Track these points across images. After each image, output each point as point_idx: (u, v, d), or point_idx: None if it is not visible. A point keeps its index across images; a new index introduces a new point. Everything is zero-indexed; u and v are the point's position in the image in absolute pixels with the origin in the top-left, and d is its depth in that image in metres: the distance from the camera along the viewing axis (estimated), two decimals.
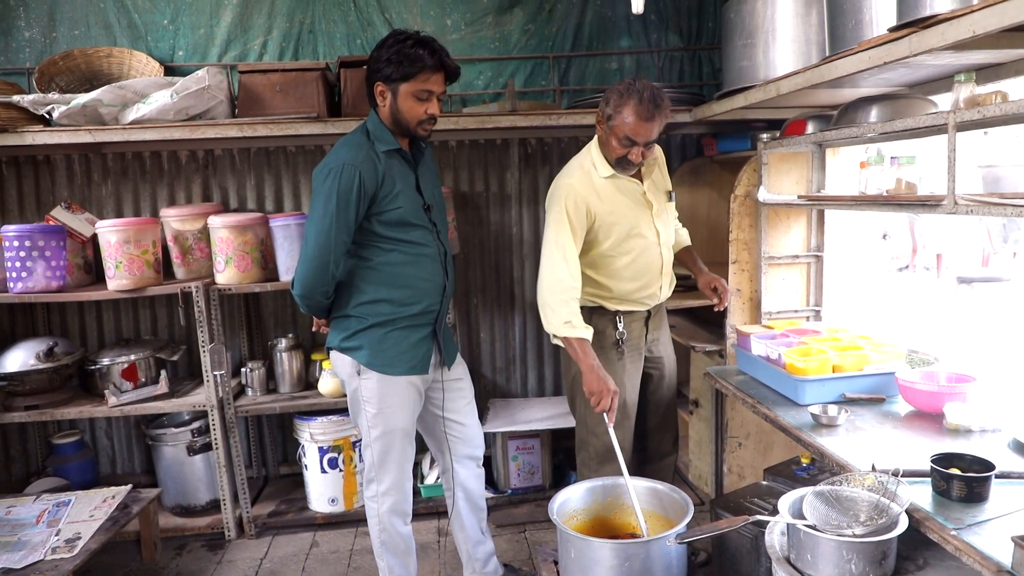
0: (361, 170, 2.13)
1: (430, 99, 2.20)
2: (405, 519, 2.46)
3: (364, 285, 2.27)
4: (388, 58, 2.14)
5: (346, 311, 2.30)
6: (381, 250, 2.25)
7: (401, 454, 2.38)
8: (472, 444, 2.57)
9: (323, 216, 2.14)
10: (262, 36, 3.50)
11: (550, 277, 2.37)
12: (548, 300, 2.37)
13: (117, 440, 3.77)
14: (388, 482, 2.38)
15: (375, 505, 2.41)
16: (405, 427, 2.36)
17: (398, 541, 2.45)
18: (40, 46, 3.42)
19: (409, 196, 2.25)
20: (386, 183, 2.19)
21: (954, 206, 1.79)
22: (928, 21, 1.75)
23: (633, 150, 2.33)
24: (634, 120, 2.27)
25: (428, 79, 2.17)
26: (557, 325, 2.35)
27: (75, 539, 2.67)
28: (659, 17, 3.69)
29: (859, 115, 2.30)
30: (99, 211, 3.57)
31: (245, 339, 3.67)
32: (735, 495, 2.44)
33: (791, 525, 1.69)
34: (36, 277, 3.05)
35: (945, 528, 1.54)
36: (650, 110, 2.26)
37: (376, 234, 2.23)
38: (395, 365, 2.29)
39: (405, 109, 2.19)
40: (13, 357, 3.17)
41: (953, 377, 2.25)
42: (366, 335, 2.28)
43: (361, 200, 2.15)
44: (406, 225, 2.25)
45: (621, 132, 2.30)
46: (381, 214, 2.21)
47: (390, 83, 2.17)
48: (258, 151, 3.63)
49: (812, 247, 2.94)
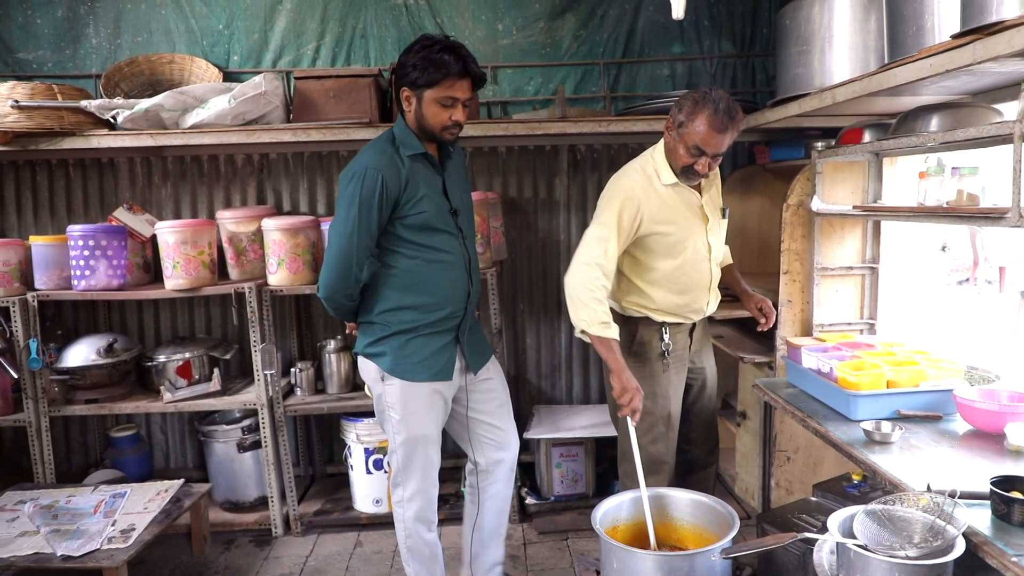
0: (384, 174, 2.14)
1: (455, 105, 2.19)
2: (430, 526, 2.45)
3: (387, 292, 2.28)
4: (414, 63, 2.14)
5: (370, 317, 2.32)
6: (404, 256, 2.25)
7: (425, 460, 2.37)
8: (504, 446, 2.53)
9: (346, 220, 2.16)
10: (315, 41, 3.58)
11: (587, 273, 2.30)
12: (582, 296, 2.29)
13: (171, 435, 3.89)
14: (412, 488, 2.38)
15: (400, 511, 2.41)
16: (428, 433, 2.35)
17: (423, 547, 2.44)
18: (106, 52, 3.56)
19: (435, 200, 2.25)
20: (410, 187, 2.19)
21: (1019, 219, 1.72)
22: (994, 28, 1.69)
23: (700, 160, 2.29)
24: (706, 130, 2.22)
25: (453, 85, 2.16)
26: (591, 323, 2.28)
27: (130, 530, 2.76)
28: (712, 23, 3.65)
29: (919, 124, 2.23)
30: (159, 212, 3.69)
31: (295, 340, 3.75)
32: (782, 510, 2.38)
33: (841, 544, 1.64)
34: (98, 275, 3.17)
35: (1005, 554, 1.48)
36: (724, 122, 2.21)
37: (400, 238, 2.24)
38: (417, 372, 2.29)
39: (430, 115, 2.18)
40: (75, 352, 3.29)
41: (1015, 396, 2.16)
42: (389, 342, 2.29)
43: (384, 204, 2.16)
44: (430, 230, 2.25)
45: (691, 141, 2.26)
46: (405, 218, 2.21)
47: (415, 88, 2.17)
48: (311, 155, 3.70)
49: (867, 259, 2.86)
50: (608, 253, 2.31)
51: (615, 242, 2.33)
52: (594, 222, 2.38)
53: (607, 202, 2.38)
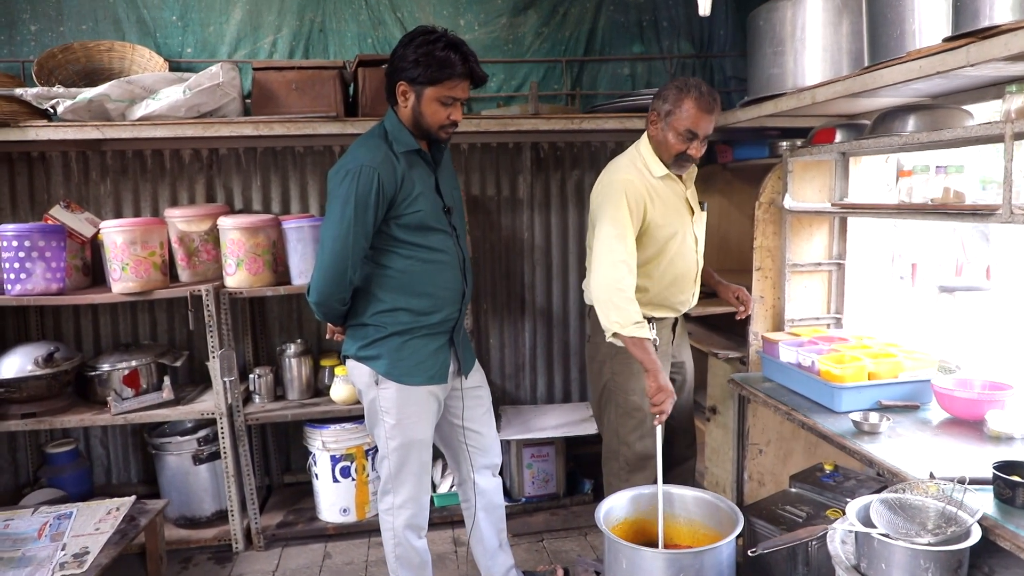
0: (380, 172, 2.05)
1: (454, 105, 2.14)
2: (420, 533, 2.39)
3: (382, 293, 2.20)
4: (416, 59, 2.06)
5: (363, 319, 2.23)
6: (399, 256, 2.18)
7: (419, 466, 2.31)
8: (490, 453, 2.52)
9: (340, 220, 2.06)
10: (272, 34, 3.41)
11: (613, 273, 2.29)
12: (612, 298, 2.28)
13: (113, 449, 3.63)
14: (405, 494, 2.31)
15: (390, 518, 2.34)
16: (423, 438, 2.30)
17: (412, 555, 2.37)
18: (46, 40, 3.29)
19: (429, 199, 2.19)
20: (405, 185, 2.12)
21: (1010, 215, 1.80)
22: (988, 32, 1.76)
23: (693, 144, 2.36)
24: (696, 112, 2.31)
25: (455, 86, 2.10)
26: (624, 324, 2.26)
27: (83, 554, 2.55)
28: (671, 24, 3.70)
29: (896, 125, 2.31)
30: (98, 211, 3.44)
31: (250, 344, 3.56)
32: (765, 503, 2.42)
33: (860, 534, 1.67)
34: (35, 279, 2.92)
35: (1018, 536, 1.54)
36: (709, 103, 2.32)
37: (394, 238, 2.16)
38: (414, 375, 2.22)
39: (428, 113, 2.12)
40: (9, 363, 3.02)
41: (988, 384, 2.27)
42: (384, 344, 2.21)
43: (380, 203, 2.08)
44: (425, 229, 2.18)
45: (683, 126, 2.33)
46: (400, 217, 2.14)
47: (415, 85, 2.10)
48: (265, 151, 3.53)
49: (834, 255, 2.95)
50: (628, 248, 2.31)
51: (631, 236, 2.33)
52: (602, 222, 2.35)
53: (610, 199, 2.36)
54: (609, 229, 2.32)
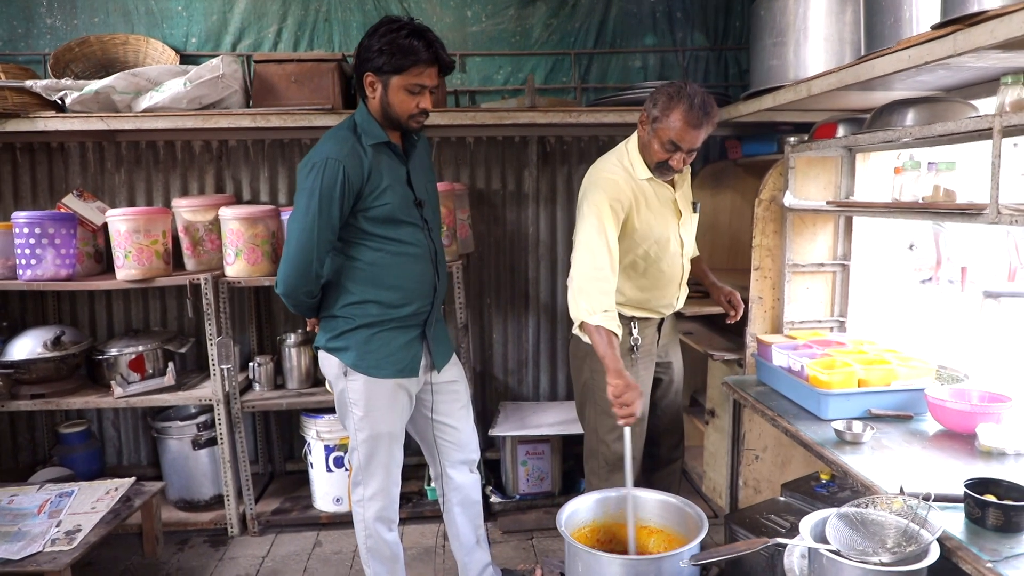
0: (345, 164, 2.04)
1: (423, 93, 2.10)
2: (391, 525, 2.38)
3: (351, 285, 2.19)
4: (380, 48, 2.03)
5: (333, 311, 2.23)
6: (368, 248, 2.16)
7: (388, 458, 2.30)
8: (466, 448, 2.49)
9: (306, 213, 2.05)
10: (276, 24, 3.44)
11: (591, 263, 2.22)
12: (585, 287, 2.21)
13: (124, 431, 3.74)
14: (374, 487, 2.30)
15: (361, 510, 2.33)
16: (392, 431, 2.28)
17: (383, 547, 2.37)
18: (61, 33, 3.39)
19: (399, 191, 2.16)
20: (372, 178, 2.10)
21: (997, 215, 1.68)
22: (975, 18, 1.65)
23: (675, 156, 2.24)
24: (682, 125, 2.17)
25: (422, 73, 2.07)
26: (591, 312, 2.17)
27: (75, 531, 2.63)
28: (685, 15, 3.59)
29: (894, 118, 2.19)
30: (112, 200, 3.54)
31: (254, 333, 3.62)
32: (751, 511, 2.34)
33: (813, 549, 1.59)
34: (46, 265, 3.02)
35: (980, 559, 1.44)
36: (699, 117, 2.16)
37: (363, 231, 2.15)
38: (382, 367, 2.21)
39: (396, 102, 2.09)
40: (21, 345, 3.14)
41: (986, 396, 2.14)
42: (353, 336, 2.20)
43: (346, 196, 2.06)
44: (394, 222, 2.16)
45: (666, 136, 2.21)
46: (367, 210, 2.12)
47: (381, 75, 2.07)
48: (272, 143, 3.57)
49: (839, 256, 2.82)
50: (610, 243, 2.24)
51: (614, 231, 2.26)
52: (585, 215, 2.29)
53: (592, 193, 2.30)
54: (592, 221, 2.25)
